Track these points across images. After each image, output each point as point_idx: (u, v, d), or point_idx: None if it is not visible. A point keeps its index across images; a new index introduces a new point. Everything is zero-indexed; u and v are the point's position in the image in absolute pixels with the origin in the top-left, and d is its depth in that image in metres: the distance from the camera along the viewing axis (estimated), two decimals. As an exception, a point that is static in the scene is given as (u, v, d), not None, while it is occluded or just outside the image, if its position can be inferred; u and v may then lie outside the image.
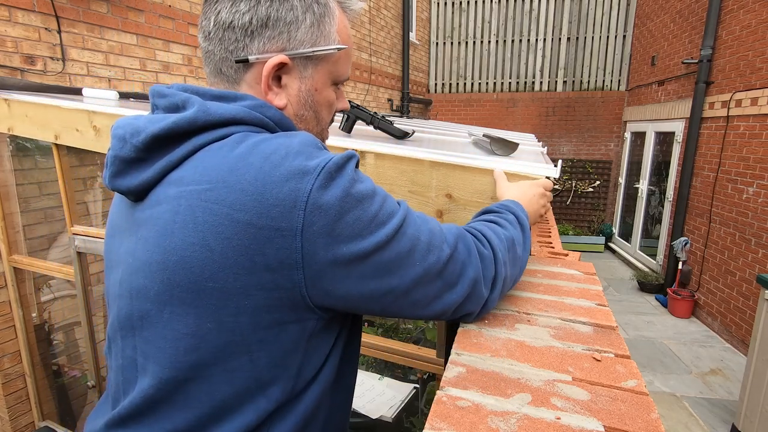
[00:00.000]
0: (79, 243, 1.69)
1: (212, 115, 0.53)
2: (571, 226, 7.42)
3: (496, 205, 0.78)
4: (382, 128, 1.44)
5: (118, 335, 0.57)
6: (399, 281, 0.54)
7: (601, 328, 0.70)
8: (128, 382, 0.56)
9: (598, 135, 7.15)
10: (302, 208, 0.47)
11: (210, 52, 0.59)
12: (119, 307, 0.56)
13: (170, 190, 0.52)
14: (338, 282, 0.51)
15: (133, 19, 2.52)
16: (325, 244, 0.48)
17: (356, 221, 0.50)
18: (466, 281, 0.60)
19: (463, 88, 7.66)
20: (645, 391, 0.53)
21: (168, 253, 0.49)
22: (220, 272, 0.48)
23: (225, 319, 0.49)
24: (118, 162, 0.55)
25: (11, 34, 1.97)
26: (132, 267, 0.54)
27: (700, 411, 3.06)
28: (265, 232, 0.47)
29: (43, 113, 1.54)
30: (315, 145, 0.53)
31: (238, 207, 0.47)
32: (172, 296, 0.50)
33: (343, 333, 0.61)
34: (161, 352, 0.52)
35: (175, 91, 0.56)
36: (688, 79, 4.92)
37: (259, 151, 0.50)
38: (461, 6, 7.44)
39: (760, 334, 2.47)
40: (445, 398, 0.52)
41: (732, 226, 4.10)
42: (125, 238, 0.57)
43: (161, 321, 0.51)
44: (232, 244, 0.47)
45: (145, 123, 0.54)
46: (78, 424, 2.19)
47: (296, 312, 0.51)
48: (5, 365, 2.04)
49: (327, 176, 0.49)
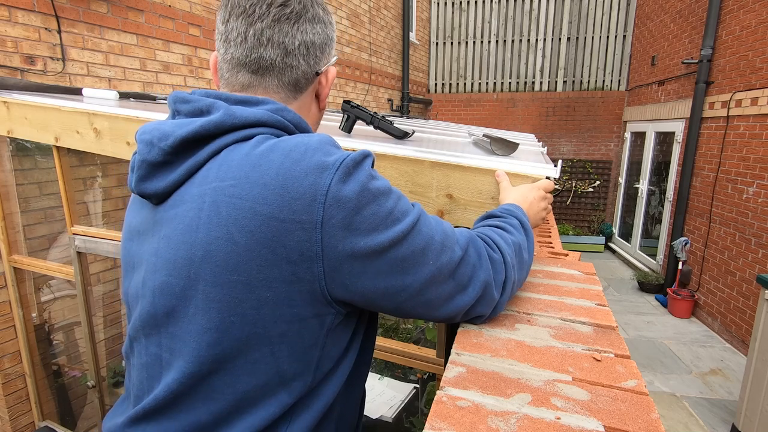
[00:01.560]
0: (79, 243, 1.69)
1: (238, 118, 0.55)
2: (571, 226, 7.42)
3: (500, 210, 0.79)
4: (382, 128, 1.44)
5: (141, 334, 0.59)
6: (413, 279, 0.55)
7: (601, 328, 0.70)
8: (153, 378, 0.57)
9: (598, 135, 7.15)
10: (322, 201, 0.49)
11: (291, 67, 0.63)
12: (142, 306, 0.57)
13: (194, 189, 0.54)
14: (355, 276, 0.52)
15: (133, 19, 2.52)
16: (344, 237, 0.50)
17: (373, 215, 0.52)
18: (477, 283, 0.62)
19: (463, 88, 7.66)
20: (645, 391, 0.53)
21: (194, 248, 0.51)
22: (243, 265, 0.50)
23: (247, 312, 0.51)
24: (145, 166, 0.57)
25: (11, 34, 1.97)
26: (155, 266, 0.55)
27: (700, 411, 3.06)
28: (286, 224, 0.49)
29: (43, 115, 1.53)
30: (332, 143, 0.55)
31: (261, 201, 0.49)
32: (197, 290, 0.52)
33: (359, 330, 0.63)
34: (186, 346, 0.53)
35: (198, 97, 0.58)
36: (688, 79, 4.92)
37: (280, 149, 0.52)
38: (461, 6, 7.44)
39: (760, 334, 2.47)
40: (445, 398, 0.52)
41: (732, 226, 4.10)
42: (146, 240, 0.59)
43: (186, 316, 0.53)
44: (255, 237, 0.49)
45: (173, 127, 0.56)
46: (78, 424, 2.19)
47: (315, 306, 0.53)
48: (5, 365, 2.04)
49: (345, 171, 0.51)
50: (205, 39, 3.06)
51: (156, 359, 0.57)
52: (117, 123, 1.37)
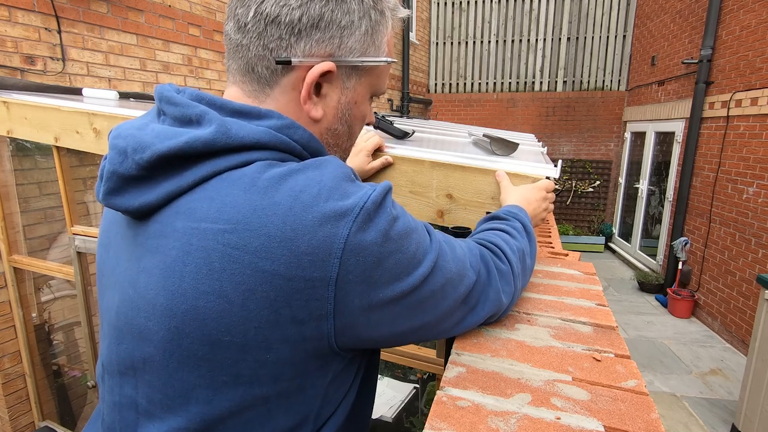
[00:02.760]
0: (79, 243, 1.69)
1: (233, 138, 0.46)
2: (571, 226, 7.42)
3: (503, 212, 0.76)
4: (382, 128, 1.44)
5: (115, 370, 0.51)
6: (431, 316, 0.52)
7: (601, 328, 0.70)
8: (127, 425, 0.50)
9: (598, 135, 7.15)
10: (338, 256, 0.42)
11: (242, 46, 0.51)
12: (119, 340, 0.50)
13: (178, 223, 0.45)
14: (371, 327, 0.47)
15: (133, 19, 2.52)
16: (361, 291, 0.44)
17: (395, 265, 0.46)
18: (488, 304, 0.61)
19: (463, 88, 7.66)
20: (645, 391, 0.53)
21: (175, 299, 0.44)
22: (239, 326, 0.43)
23: (243, 373, 0.45)
24: (115, 178, 0.47)
25: (11, 34, 1.97)
26: (133, 302, 0.48)
27: (700, 411, 3.06)
28: (294, 283, 0.42)
29: (43, 115, 1.53)
30: (348, 177, 0.47)
31: (264, 255, 0.42)
32: (181, 346, 0.44)
33: (362, 366, 0.58)
34: (169, 400, 0.46)
35: (187, 101, 0.49)
36: (688, 79, 4.92)
37: (287, 189, 0.43)
38: (461, 6, 7.44)
39: (760, 334, 2.47)
40: (445, 398, 0.52)
41: (732, 226, 4.10)
42: (123, 257, 0.51)
43: (167, 369, 0.46)
44: (255, 296, 0.42)
45: (152, 138, 0.46)
46: (78, 424, 2.19)
47: (320, 359, 0.47)
48: (5, 365, 2.04)
49: (365, 218, 0.44)
50: (205, 39, 3.06)
51: (131, 403, 0.50)
52: (116, 123, 1.37)
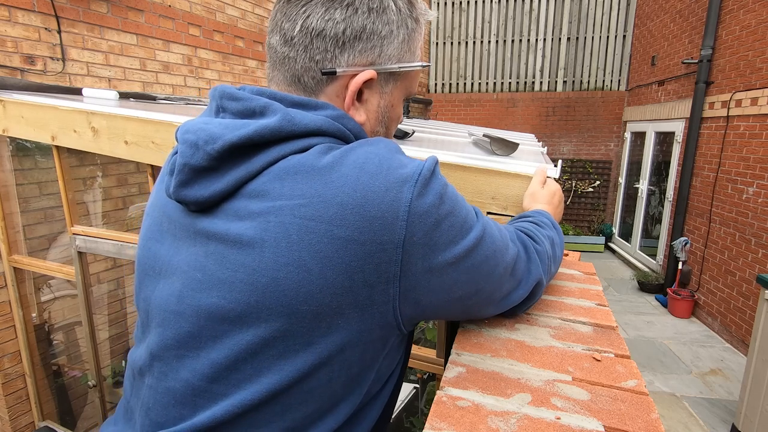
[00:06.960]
0: (79, 243, 1.69)
1: (297, 125, 0.50)
2: (571, 226, 7.42)
3: (531, 213, 0.81)
4: (382, 128, 1.44)
5: (173, 355, 0.52)
6: (486, 282, 0.55)
7: (601, 328, 0.70)
8: (184, 405, 0.51)
9: (598, 135, 7.15)
10: (404, 218, 0.45)
11: (288, 59, 0.55)
12: (179, 325, 0.51)
13: (252, 205, 0.48)
14: (431, 290, 0.50)
15: (133, 19, 2.52)
16: (423, 254, 0.47)
17: (451, 227, 0.49)
18: (531, 278, 0.63)
19: (463, 88, 7.65)
20: (645, 391, 0.53)
21: (256, 273, 0.46)
22: (316, 294, 0.45)
23: (314, 341, 0.47)
24: (187, 170, 0.50)
25: (11, 34, 1.97)
26: (201, 283, 0.49)
27: (700, 411, 3.06)
28: (366, 247, 0.45)
29: (40, 114, 1.53)
30: (399, 150, 0.52)
31: (338, 222, 0.44)
32: (259, 318, 0.46)
33: (404, 352, 0.60)
34: (240, 374, 0.48)
35: (250, 96, 0.52)
36: (688, 79, 4.92)
37: (351, 162, 0.47)
38: (461, 6, 7.44)
39: (760, 334, 2.47)
40: (445, 398, 0.52)
41: (732, 226, 4.10)
42: (182, 247, 0.53)
43: (239, 344, 0.48)
44: (332, 263, 0.45)
45: (221, 129, 0.49)
46: (78, 424, 2.19)
47: (383, 328, 0.50)
48: (5, 365, 2.04)
49: (423, 183, 0.47)
50: (205, 39, 3.06)
51: (187, 386, 0.50)
52: (115, 122, 1.37)
